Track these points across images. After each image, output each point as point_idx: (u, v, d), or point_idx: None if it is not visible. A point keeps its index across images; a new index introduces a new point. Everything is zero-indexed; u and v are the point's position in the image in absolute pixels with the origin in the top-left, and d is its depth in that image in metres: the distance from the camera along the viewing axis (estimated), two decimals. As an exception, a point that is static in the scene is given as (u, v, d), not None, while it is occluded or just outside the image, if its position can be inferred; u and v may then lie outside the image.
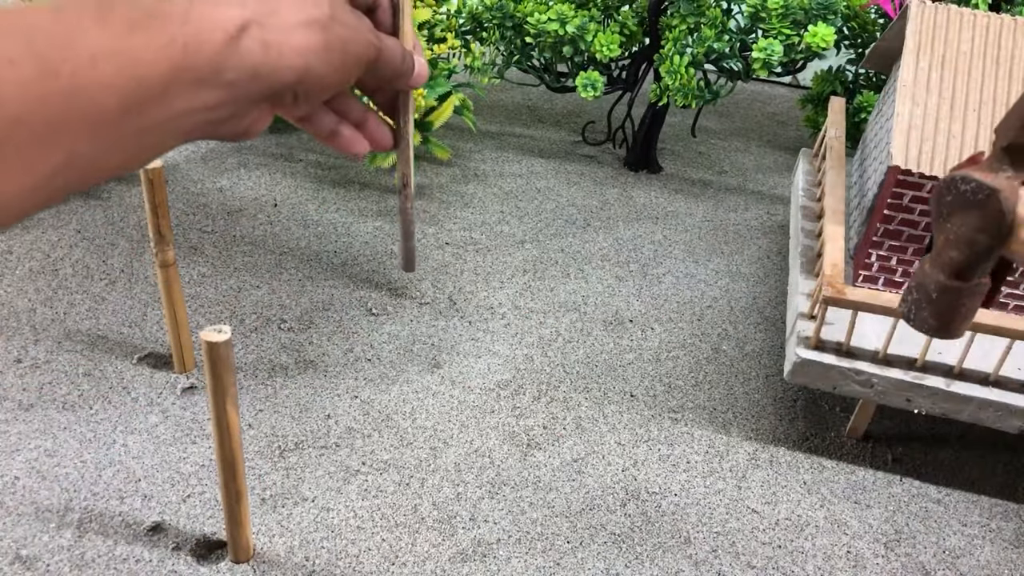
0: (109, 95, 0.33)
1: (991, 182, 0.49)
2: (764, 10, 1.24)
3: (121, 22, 0.34)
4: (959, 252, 0.50)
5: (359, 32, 0.44)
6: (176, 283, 0.95)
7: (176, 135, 0.37)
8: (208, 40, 0.36)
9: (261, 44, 0.38)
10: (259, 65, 0.38)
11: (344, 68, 0.43)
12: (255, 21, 0.38)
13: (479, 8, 1.34)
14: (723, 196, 1.45)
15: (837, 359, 0.90)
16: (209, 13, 0.37)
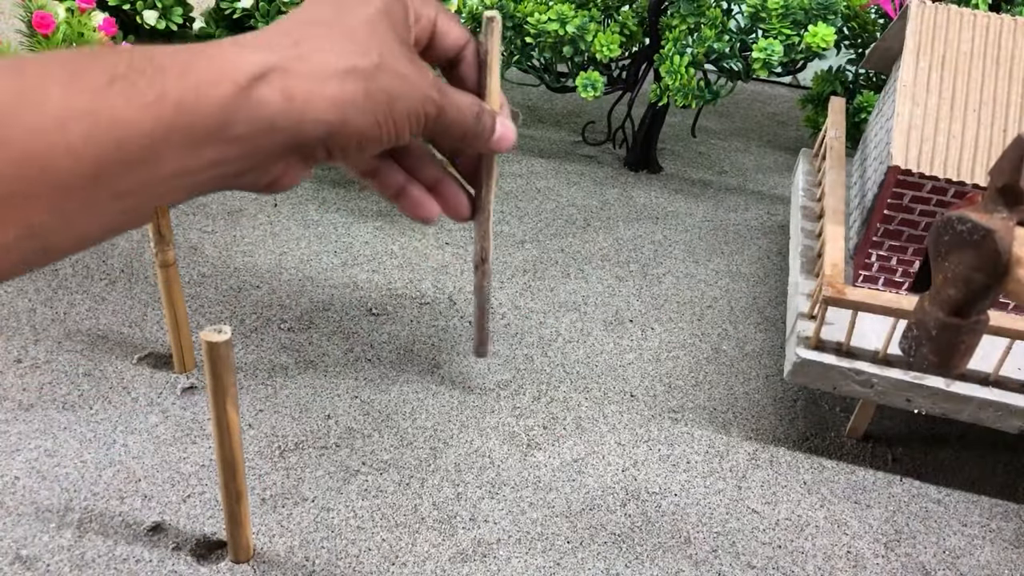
0: (75, 161, 0.30)
1: (987, 223, 0.50)
2: (764, 10, 1.24)
3: (99, 78, 0.31)
4: (957, 290, 0.52)
5: (414, 86, 0.39)
6: (176, 283, 0.95)
7: (177, 193, 0.34)
8: (210, 94, 0.32)
9: (282, 93, 0.34)
10: (277, 117, 0.34)
11: (391, 124, 0.38)
12: (279, 68, 0.34)
13: (479, 8, 1.34)
14: (723, 196, 1.45)
15: (837, 359, 0.90)
16: (220, 61, 0.33)
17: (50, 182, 0.30)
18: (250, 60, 0.34)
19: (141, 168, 0.32)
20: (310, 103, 0.35)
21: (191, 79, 0.32)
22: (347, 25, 0.38)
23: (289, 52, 0.35)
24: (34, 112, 0.30)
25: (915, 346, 0.55)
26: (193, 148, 0.33)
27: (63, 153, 0.30)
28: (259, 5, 1.37)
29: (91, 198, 0.31)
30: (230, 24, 1.42)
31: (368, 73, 0.37)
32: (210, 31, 1.41)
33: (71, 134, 0.30)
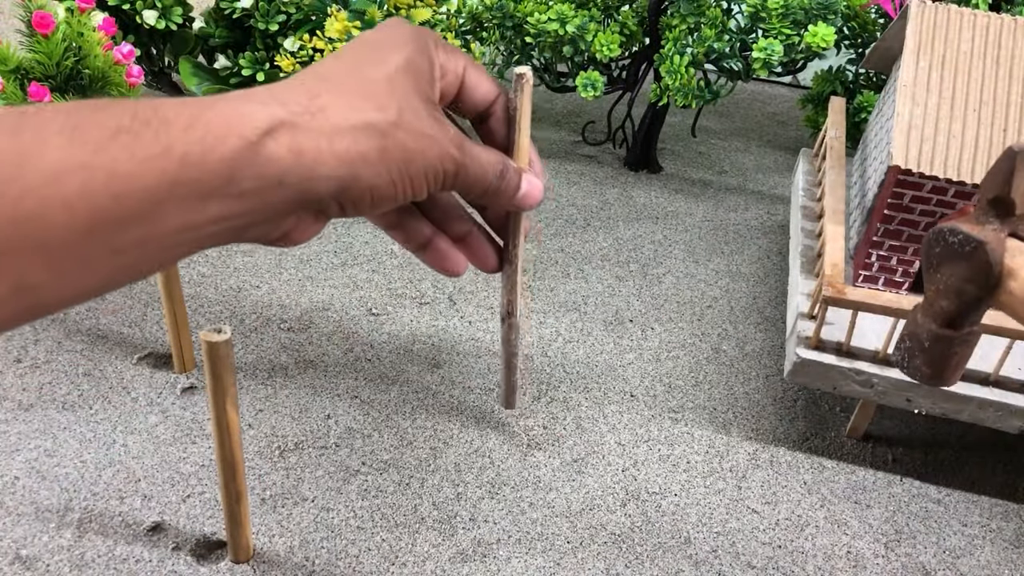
0: (70, 216, 0.29)
1: (978, 234, 0.50)
2: (764, 10, 1.24)
3: (102, 131, 0.30)
4: (949, 302, 0.52)
5: (433, 143, 0.37)
6: (176, 283, 0.95)
7: (181, 248, 0.32)
8: (216, 148, 0.31)
9: (290, 149, 0.33)
10: (286, 173, 0.33)
11: (406, 182, 0.37)
12: (289, 123, 0.33)
13: (479, 8, 1.34)
14: (723, 196, 1.45)
15: (837, 359, 0.90)
16: (228, 115, 0.32)
17: (43, 238, 0.29)
18: (259, 115, 0.32)
19: (141, 223, 0.31)
20: (320, 159, 0.34)
21: (197, 132, 0.31)
22: (367, 79, 0.36)
23: (301, 106, 0.34)
24: (30, 169, 0.28)
25: (908, 358, 0.56)
26: (198, 203, 0.32)
27: (58, 208, 0.29)
28: (259, 5, 1.37)
29: (87, 253, 0.30)
30: (230, 24, 1.42)
31: (384, 130, 0.35)
32: (210, 31, 1.41)
33: (66, 188, 0.29)
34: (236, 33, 1.40)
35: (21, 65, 1.17)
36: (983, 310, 0.53)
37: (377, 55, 0.37)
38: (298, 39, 1.33)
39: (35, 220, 0.28)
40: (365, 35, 0.40)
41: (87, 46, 1.19)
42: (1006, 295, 0.50)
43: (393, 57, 0.37)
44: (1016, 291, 0.50)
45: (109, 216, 0.30)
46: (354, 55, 0.38)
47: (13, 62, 1.16)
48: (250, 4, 1.34)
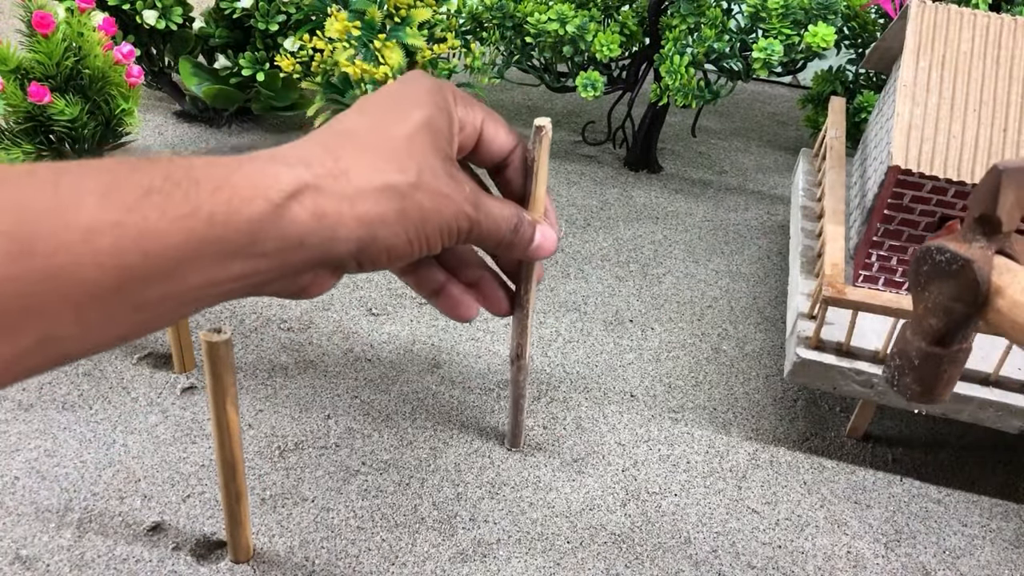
0: (100, 272, 0.30)
1: (965, 252, 0.50)
2: (764, 10, 1.24)
3: (134, 191, 0.30)
4: (938, 320, 0.52)
5: (449, 201, 0.38)
6: (176, 283, 0.95)
7: (195, 303, 0.33)
8: (243, 209, 0.32)
9: (313, 213, 0.34)
10: (307, 235, 0.34)
11: (420, 240, 0.38)
12: (313, 186, 0.34)
13: (479, 8, 1.34)
14: (723, 196, 1.45)
15: (837, 359, 0.90)
16: (255, 177, 0.33)
17: (73, 294, 0.29)
18: (285, 177, 0.33)
19: (167, 280, 0.31)
20: (341, 222, 0.34)
21: (225, 194, 0.32)
22: (388, 138, 0.37)
23: (325, 168, 0.34)
24: (66, 226, 0.29)
25: (898, 376, 0.56)
26: (222, 262, 0.32)
27: (90, 264, 0.29)
28: (259, 5, 1.37)
29: (112, 309, 0.31)
30: (230, 24, 1.42)
31: (404, 191, 0.36)
32: (210, 31, 1.41)
33: (98, 245, 0.29)
34: (236, 33, 1.40)
35: (21, 65, 1.17)
36: (972, 328, 0.53)
37: (399, 112, 0.38)
38: (298, 39, 1.33)
39: (67, 276, 0.29)
40: (388, 88, 0.41)
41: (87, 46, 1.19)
42: (994, 313, 0.50)
43: (414, 114, 0.38)
44: (1004, 309, 0.50)
45: (137, 273, 0.30)
46: (377, 111, 0.38)
47: (13, 62, 1.16)
48: (250, 4, 1.34)
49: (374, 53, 1.24)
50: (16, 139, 1.21)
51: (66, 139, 1.24)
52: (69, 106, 1.17)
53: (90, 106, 1.22)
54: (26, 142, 1.21)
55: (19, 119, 1.20)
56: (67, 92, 1.19)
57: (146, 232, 0.30)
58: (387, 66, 1.23)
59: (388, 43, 1.25)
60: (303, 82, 1.34)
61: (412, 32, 1.27)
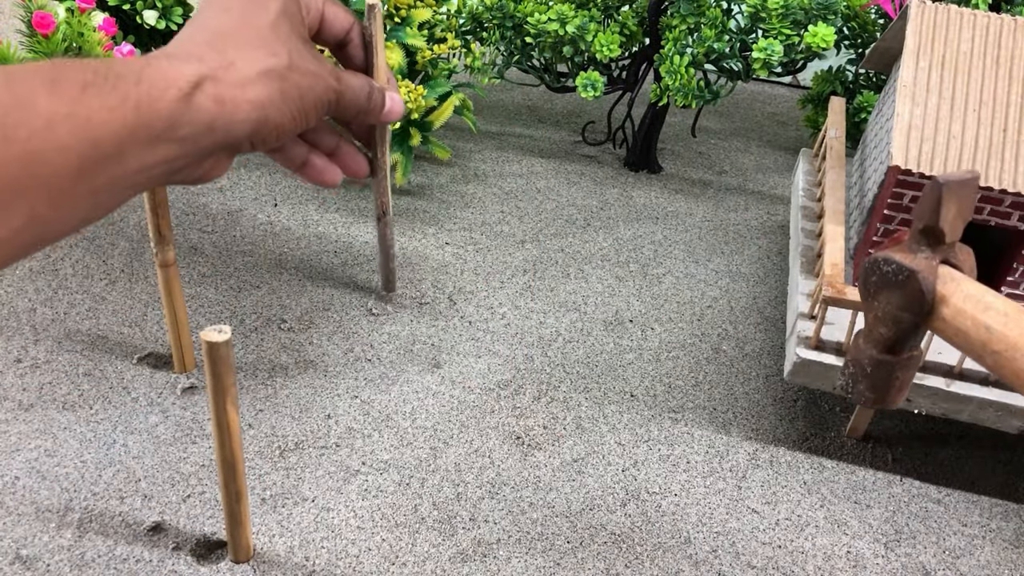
0: (65, 156, 0.34)
1: (910, 263, 0.52)
2: (764, 10, 1.24)
3: (73, 85, 0.35)
4: (887, 329, 0.53)
5: (318, 78, 0.44)
6: (176, 283, 0.95)
7: (131, 189, 0.38)
8: (160, 98, 0.37)
9: (215, 100, 0.39)
10: (214, 120, 0.39)
11: (301, 115, 0.43)
12: (210, 76, 0.39)
13: (479, 8, 1.34)
14: (723, 196, 1.45)
15: (837, 359, 0.90)
16: (163, 71, 0.38)
17: (46, 175, 0.33)
18: (187, 71, 0.39)
19: (112, 164, 0.36)
20: (238, 107, 0.40)
21: (144, 86, 0.37)
22: (256, 28, 0.43)
23: (216, 62, 0.40)
24: (29, 115, 0.33)
25: (852, 383, 0.57)
26: (150, 146, 0.37)
27: (54, 149, 0.33)
28: (259, 5, 1.36)
29: (75, 192, 0.35)
30: (230, 24, 1.42)
31: (281, 73, 0.42)
32: (210, 31, 1.41)
33: (59, 133, 0.33)
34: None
35: (21, 65, 1.16)
36: (921, 336, 0.55)
37: (256, 4, 0.44)
38: (298, 39, 1.33)
39: (40, 160, 0.33)
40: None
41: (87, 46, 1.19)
42: (939, 322, 0.52)
43: (271, 5, 0.44)
44: (948, 317, 0.51)
45: (91, 158, 0.35)
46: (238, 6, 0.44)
47: (13, 62, 1.16)
48: (250, 4, 1.34)
49: (374, 53, 1.24)
50: (16, 139, 1.20)
51: (66, 139, 1.24)
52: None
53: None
54: (26, 142, 1.20)
55: (19, 119, 1.20)
56: (67, 92, 1.18)
57: (92, 121, 0.35)
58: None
59: (388, 43, 1.25)
60: (303, 82, 1.34)
61: (412, 32, 1.27)
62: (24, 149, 0.32)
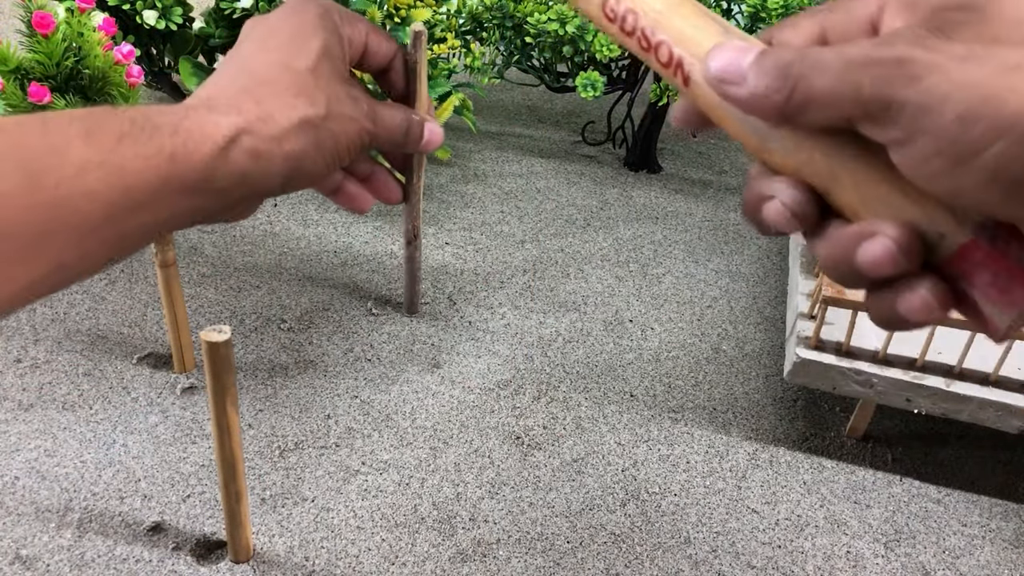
0: (94, 204, 0.34)
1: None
2: (764, 10, 1.24)
3: (109, 135, 0.35)
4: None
5: (353, 122, 0.45)
6: (176, 283, 0.95)
7: (158, 232, 0.39)
8: (196, 151, 0.37)
9: (250, 153, 0.40)
10: (248, 172, 0.40)
11: (335, 161, 0.44)
12: (246, 130, 0.40)
13: (479, 8, 1.34)
14: (723, 196, 1.45)
15: (837, 359, 0.90)
16: (201, 123, 0.38)
17: (74, 223, 0.34)
18: (224, 124, 0.39)
19: (143, 212, 0.36)
20: (272, 160, 0.41)
21: (180, 138, 0.37)
22: (296, 74, 0.43)
23: (253, 114, 0.41)
24: (61, 161, 0.34)
25: None
26: (183, 196, 0.38)
27: (84, 197, 0.34)
28: (259, 5, 1.37)
29: (102, 237, 0.35)
30: (230, 24, 1.42)
31: (317, 123, 0.42)
32: (210, 31, 1.41)
33: (89, 180, 0.34)
34: (236, 33, 1.40)
35: (21, 65, 1.17)
36: None
37: (299, 45, 0.45)
38: (298, 39, 1.33)
39: (68, 206, 0.34)
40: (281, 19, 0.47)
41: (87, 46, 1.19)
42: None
43: (313, 45, 0.44)
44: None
45: (120, 207, 0.36)
46: (279, 46, 0.45)
47: (13, 62, 1.16)
48: (250, 4, 1.34)
49: (374, 53, 1.24)
50: (16, 139, 1.20)
51: (66, 139, 1.24)
52: (69, 106, 1.17)
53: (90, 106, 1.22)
54: (26, 142, 1.21)
55: (19, 119, 1.20)
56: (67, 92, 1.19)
57: (125, 170, 0.35)
58: (387, 66, 1.23)
59: (388, 43, 1.25)
60: (303, 82, 1.34)
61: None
62: (53, 196, 0.33)
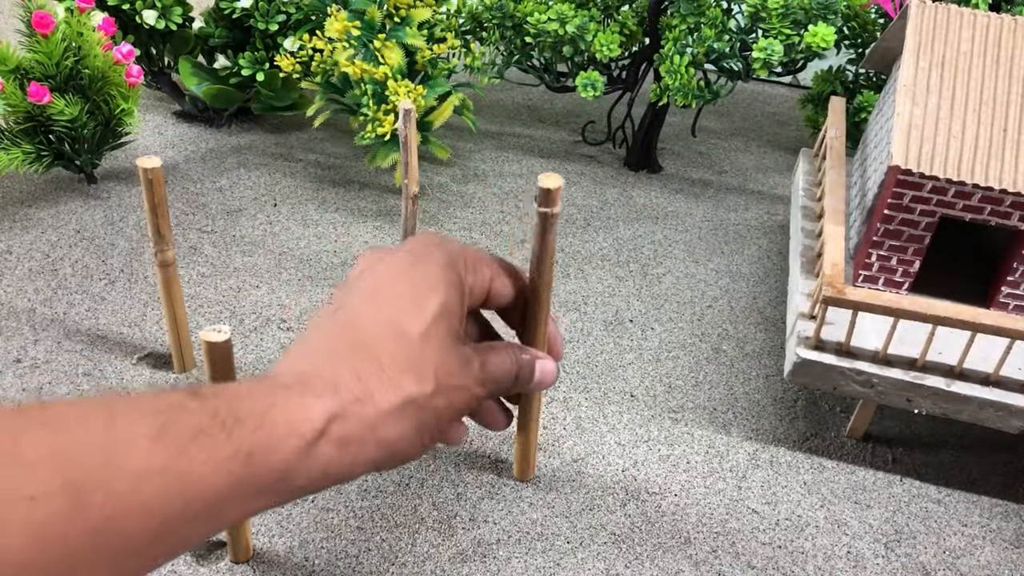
0: (145, 522, 0.30)
1: None
2: (764, 10, 1.24)
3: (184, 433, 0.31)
4: None
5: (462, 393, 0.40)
6: (176, 283, 0.95)
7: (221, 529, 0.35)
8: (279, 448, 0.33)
9: (339, 444, 0.35)
10: (330, 466, 0.35)
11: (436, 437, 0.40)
12: (339, 415, 0.35)
13: (479, 8, 1.34)
14: (723, 196, 1.45)
15: (837, 359, 0.90)
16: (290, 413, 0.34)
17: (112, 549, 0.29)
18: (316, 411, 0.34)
19: (200, 523, 0.32)
20: (363, 448, 0.36)
21: (265, 432, 0.33)
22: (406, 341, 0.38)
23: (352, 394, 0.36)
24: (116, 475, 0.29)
25: None
26: (254, 499, 0.33)
27: (136, 515, 0.29)
28: (259, 5, 1.37)
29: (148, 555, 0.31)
30: (230, 24, 1.42)
31: (422, 404, 0.38)
32: (210, 31, 1.41)
33: (146, 493, 0.29)
34: (236, 33, 1.40)
35: (21, 65, 1.17)
36: None
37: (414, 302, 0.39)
38: (298, 39, 1.33)
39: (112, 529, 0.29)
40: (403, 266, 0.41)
41: (87, 46, 1.18)
42: None
43: (430, 304, 0.40)
44: None
45: (178, 519, 0.31)
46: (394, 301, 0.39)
47: (13, 62, 1.16)
48: (250, 4, 1.34)
49: (374, 53, 1.24)
50: (16, 139, 1.21)
51: (66, 139, 1.24)
52: (69, 106, 1.17)
53: (90, 106, 1.22)
54: (26, 142, 1.21)
55: (19, 119, 1.20)
56: (67, 92, 1.19)
57: (190, 477, 0.31)
58: (387, 66, 1.23)
59: (388, 43, 1.25)
60: (303, 82, 1.34)
61: (412, 32, 1.27)
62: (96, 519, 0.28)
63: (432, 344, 0.39)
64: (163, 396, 0.32)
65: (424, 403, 0.38)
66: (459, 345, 0.41)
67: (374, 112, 1.23)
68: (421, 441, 0.39)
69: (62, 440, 0.28)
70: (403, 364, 0.38)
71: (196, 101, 1.47)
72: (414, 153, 0.55)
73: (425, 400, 0.38)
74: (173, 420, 0.31)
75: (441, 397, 0.39)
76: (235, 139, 1.47)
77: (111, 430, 0.30)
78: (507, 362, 0.45)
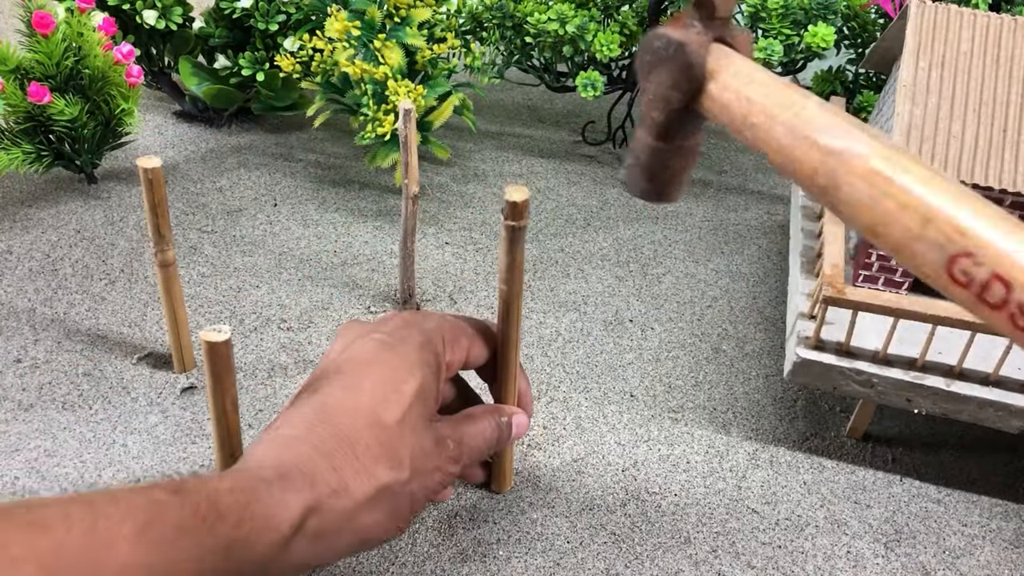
0: None
1: (679, 36, 0.49)
2: (764, 10, 1.24)
3: (167, 529, 0.31)
4: (659, 112, 0.51)
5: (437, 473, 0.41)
6: (176, 283, 0.95)
7: None
8: (258, 542, 0.34)
9: (315, 536, 0.36)
10: (307, 559, 0.37)
11: (410, 519, 0.41)
12: (316, 509, 0.36)
13: (479, 8, 1.34)
14: (723, 196, 1.45)
15: (837, 359, 0.90)
16: (269, 508, 0.35)
17: None
18: (293, 506, 0.36)
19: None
20: (339, 537, 0.37)
21: (245, 528, 0.34)
22: (382, 430, 0.39)
23: (329, 487, 0.37)
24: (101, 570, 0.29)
25: (630, 175, 0.56)
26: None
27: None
28: (259, 5, 1.37)
29: None
30: (230, 24, 1.42)
31: (397, 489, 0.39)
32: (210, 31, 1.41)
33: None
34: (236, 33, 1.40)
35: (21, 65, 1.17)
36: (694, 123, 0.52)
37: (391, 389, 0.40)
38: (298, 39, 1.33)
39: None
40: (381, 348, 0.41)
41: (87, 46, 1.19)
42: (707, 99, 0.49)
43: (407, 388, 0.41)
44: (715, 93, 0.49)
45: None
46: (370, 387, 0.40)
47: (13, 62, 1.16)
48: (250, 4, 1.34)
49: (374, 53, 1.24)
50: (16, 139, 1.21)
51: (66, 139, 1.24)
52: (69, 106, 1.17)
53: (90, 106, 1.22)
54: (26, 142, 1.21)
55: (19, 119, 1.20)
56: (67, 92, 1.19)
57: (172, 572, 0.31)
58: (387, 66, 1.23)
59: (388, 43, 1.25)
60: (303, 82, 1.34)
61: (412, 32, 1.27)
62: None
63: (407, 429, 0.40)
64: (145, 492, 0.33)
65: (399, 489, 0.39)
66: (434, 425, 0.43)
67: (374, 112, 1.23)
68: (395, 525, 0.40)
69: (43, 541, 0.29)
70: (377, 452, 0.39)
71: (196, 101, 1.47)
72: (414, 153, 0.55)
73: (400, 486, 0.39)
74: (157, 515, 0.32)
75: (415, 481, 0.40)
76: (235, 139, 1.47)
77: (94, 531, 0.30)
78: (487, 430, 0.47)
